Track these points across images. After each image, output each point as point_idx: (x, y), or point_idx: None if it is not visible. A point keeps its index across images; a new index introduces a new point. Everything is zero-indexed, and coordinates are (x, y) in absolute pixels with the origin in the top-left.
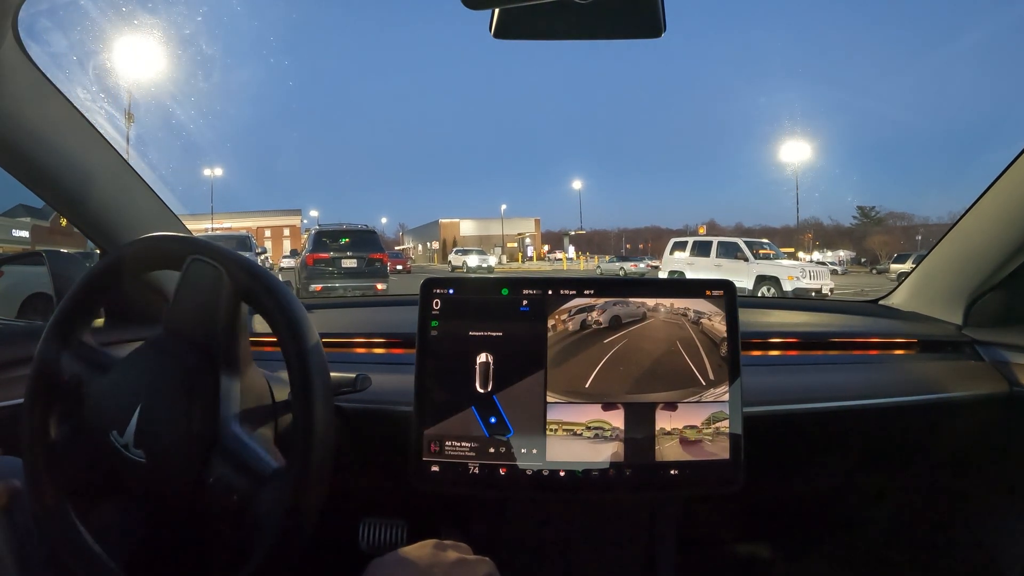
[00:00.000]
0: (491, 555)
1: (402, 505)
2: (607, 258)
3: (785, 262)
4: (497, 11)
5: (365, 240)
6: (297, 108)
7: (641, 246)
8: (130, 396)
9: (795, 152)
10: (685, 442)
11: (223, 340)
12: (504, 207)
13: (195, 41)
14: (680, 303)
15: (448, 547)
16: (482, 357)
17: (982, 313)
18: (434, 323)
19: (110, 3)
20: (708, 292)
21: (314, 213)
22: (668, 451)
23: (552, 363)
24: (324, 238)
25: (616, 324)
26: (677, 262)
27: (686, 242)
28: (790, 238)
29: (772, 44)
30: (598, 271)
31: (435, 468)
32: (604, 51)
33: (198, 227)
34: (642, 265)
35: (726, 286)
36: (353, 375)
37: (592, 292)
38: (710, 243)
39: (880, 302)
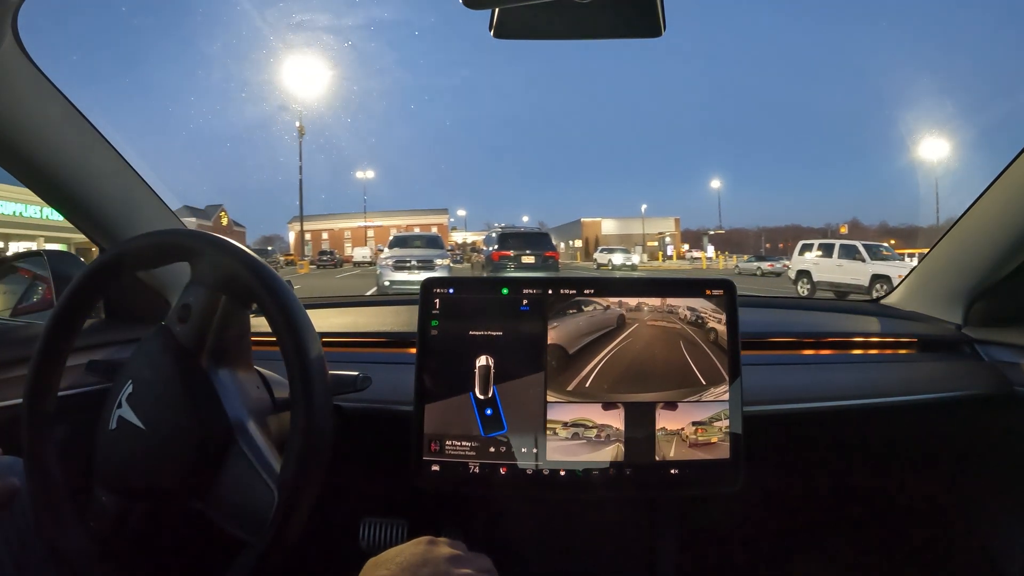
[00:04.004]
0: (492, 554)
1: (403, 504)
2: (745, 257)
3: (897, 263)
4: (497, 10)
5: (541, 240)
6: (443, 113)
7: (781, 245)
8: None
9: (935, 149)
10: (685, 442)
11: (212, 336)
12: (645, 207)
13: (353, 58)
14: (681, 302)
15: (443, 544)
16: (482, 357)
17: (982, 312)
18: (434, 323)
19: (285, 31)
20: (708, 291)
21: (461, 212)
22: (668, 451)
23: (552, 362)
24: (507, 238)
25: (616, 323)
26: (804, 262)
27: (812, 244)
28: (936, 236)
29: (920, 39)
30: (736, 271)
31: (435, 467)
32: (735, 51)
33: (352, 225)
34: (779, 265)
35: (726, 285)
36: (354, 374)
37: (592, 292)
38: (833, 245)
39: (881, 301)
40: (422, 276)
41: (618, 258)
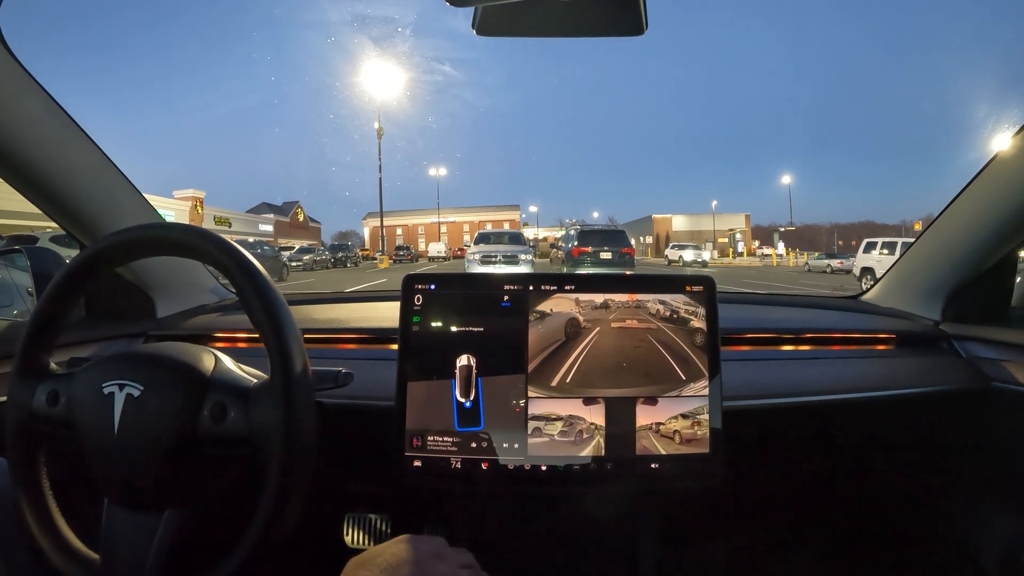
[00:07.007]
0: (474, 550)
1: (386, 500)
2: (815, 255)
3: None
4: (480, 8)
5: (617, 237)
6: (515, 111)
7: (854, 242)
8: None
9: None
10: (665, 436)
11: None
12: (715, 203)
13: (426, 65)
14: (661, 298)
15: (423, 541)
16: (463, 352)
17: (959, 309)
18: (416, 318)
19: (365, 41)
20: (688, 287)
21: (533, 208)
22: (648, 445)
23: (533, 358)
24: (586, 235)
25: (597, 319)
26: (869, 259)
27: (876, 242)
28: None
29: (1001, 29)
30: (806, 268)
31: (417, 463)
32: (809, 44)
33: (425, 221)
34: (848, 262)
35: (706, 282)
36: (336, 370)
37: (573, 287)
38: (895, 243)
39: (860, 298)
40: (508, 270)
41: (689, 254)
